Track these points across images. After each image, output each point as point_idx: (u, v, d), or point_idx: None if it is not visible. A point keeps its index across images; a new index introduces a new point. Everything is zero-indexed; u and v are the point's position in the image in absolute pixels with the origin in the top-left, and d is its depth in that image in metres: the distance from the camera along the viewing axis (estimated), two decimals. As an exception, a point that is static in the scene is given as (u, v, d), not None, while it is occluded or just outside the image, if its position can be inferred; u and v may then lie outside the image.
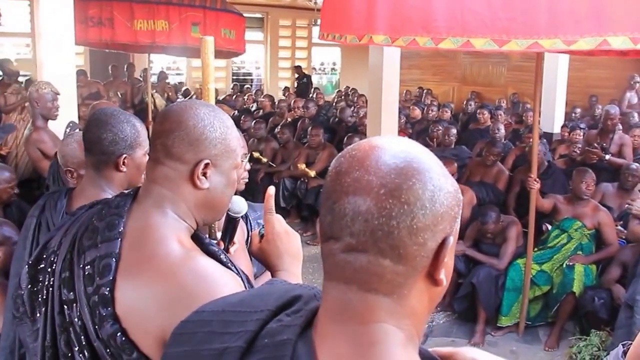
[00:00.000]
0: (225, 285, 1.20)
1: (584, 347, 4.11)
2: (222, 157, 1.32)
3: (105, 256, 1.24)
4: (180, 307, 1.11)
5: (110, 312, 1.20)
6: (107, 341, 1.21)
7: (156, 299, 1.19)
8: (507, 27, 3.14)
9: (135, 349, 1.19)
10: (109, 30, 6.10)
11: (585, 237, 4.75)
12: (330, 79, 16.80)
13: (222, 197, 1.36)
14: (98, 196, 1.76)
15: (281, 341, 0.81)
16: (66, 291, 1.29)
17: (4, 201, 3.66)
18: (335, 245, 0.79)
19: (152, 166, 1.33)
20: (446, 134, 7.01)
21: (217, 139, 1.31)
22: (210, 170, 1.30)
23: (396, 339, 0.79)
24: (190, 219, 1.32)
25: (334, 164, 0.83)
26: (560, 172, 5.95)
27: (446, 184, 0.80)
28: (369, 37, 3.48)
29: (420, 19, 3.29)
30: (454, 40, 3.23)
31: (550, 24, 3.09)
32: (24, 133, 4.73)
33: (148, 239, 1.25)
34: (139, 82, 10.47)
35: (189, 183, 1.30)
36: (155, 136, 1.33)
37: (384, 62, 6.16)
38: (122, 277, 1.23)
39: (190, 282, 1.18)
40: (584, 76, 10.01)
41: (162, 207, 1.29)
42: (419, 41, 3.30)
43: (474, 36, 3.19)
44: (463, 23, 3.20)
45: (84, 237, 1.32)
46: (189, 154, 1.29)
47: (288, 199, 7.13)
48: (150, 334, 1.18)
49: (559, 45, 3.11)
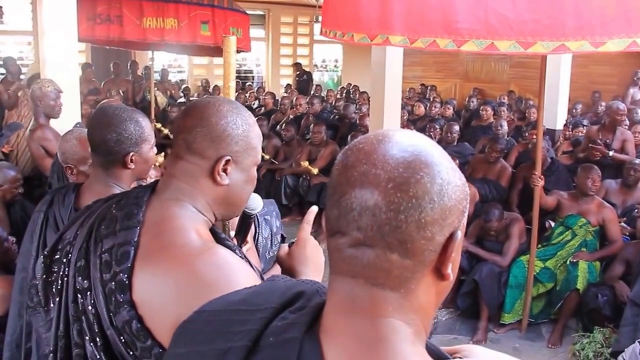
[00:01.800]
0: (244, 276, 1.21)
1: (588, 344, 4.10)
2: (243, 154, 1.34)
3: (123, 244, 1.25)
4: (199, 296, 1.12)
5: (127, 299, 1.21)
6: (121, 328, 1.22)
7: (174, 287, 1.19)
8: (532, 29, 3.07)
9: (149, 336, 1.19)
10: (118, 28, 6.11)
11: (590, 233, 4.74)
12: (332, 76, 16.78)
13: (242, 193, 1.38)
14: (106, 192, 1.78)
15: (287, 339, 0.80)
16: (81, 279, 1.29)
17: (8, 200, 3.67)
18: (342, 240, 0.78)
19: (172, 160, 1.34)
20: (448, 131, 6.99)
21: (239, 136, 1.32)
22: (231, 167, 1.32)
23: (404, 334, 0.78)
24: (208, 213, 1.33)
25: (340, 157, 0.82)
26: (564, 169, 5.93)
27: (454, 178, 0.79)
28: (384, 37, 3.41)
29: (441, 20, 3.22)
30: (477, 43, 3.16)
31: (577, 25, 3.03)
32: (25, 131, 4.73)
33: (167, 229, 1.26)
34: (141, 79, 10.47)
35: (209, 179, 1.31)
36: (177, 131, 1.34)
37: (387, 59, 6.15)
38: (140, 265, 1.23)
39: (209, 271, 1.19)
40: (587, 72, 9.99)
41: (180, 200, 1.30)
42: (440, 43, 3.23)
43: (498, 38, 3.12)
44: (487, 25, 3.13)
45: (101, 226, 1.32)
46: (210, 150, 1.30)
47: (290, 196, 7.12)
48: (166, 322, 1.17)
49: (587, 47, 3.04)
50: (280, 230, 2.32)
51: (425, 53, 12.80)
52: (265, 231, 2.23)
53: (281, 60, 14.95)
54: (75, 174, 2.48)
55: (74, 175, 2.47)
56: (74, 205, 2.03)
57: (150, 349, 1.20)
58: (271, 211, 2.31)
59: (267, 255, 2.23)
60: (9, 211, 3.66)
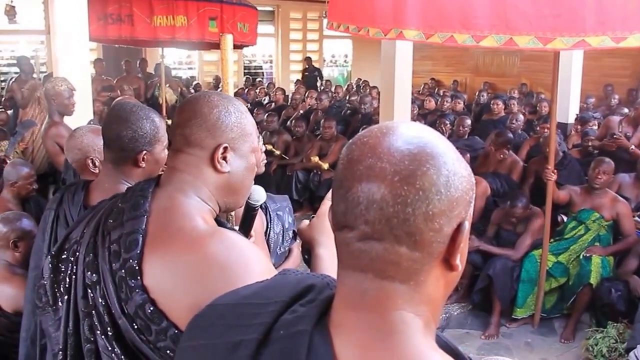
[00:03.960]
0: (255, 255, 1.24)
1: (601, 339, 4.07)
2: (240, 140, 1.37)
3: (131, 232, 1.28)
4: (213, 276, 1.16)
5: (138, 284, 1.23)
6: (134, 314, 1.24)
7: (186, 269, 1.21)
8: (552, 24, 3.02)
9: (164, 318, 1.21)
10: (129, 27, 6.15)
11: (603, 228, 4.71)
12: (341, 71, 16.75)
13: (244, 180, 1.41)
14: (116, 189, 1.78)
15: (297, 332, 0.81)
16: (90, 274, 1.31)
17: (23, 197, 3.71)
18: (350, 234, 0.79)
19: (173, 155, 1.38)
20: (460, 125, 6.97)
21: (232, 123, 1.36)
22: (230, 154, 1.35)
23: (415, 326, 0.79)
24: (213, 202, 1.36)
25: (345, 151, 0.82)
26: (576, 163, 5.90)
27: (460, 168, 0.79)
28: (397, 31, 3.36)
29: (459, 14, 3.18)
30: (496, 38, 3.11)
31: (598, 20, 2.98)
32: (40, 129, 4.78)
33: (173, 216, 1.29)
34: (151, 77, 10.51)
35: (210, 167, 1.35)
36: (174, 128, 1.38)
37: (397, 54, 6.13)
38: (149, 251, 1.26)
39: (222, 251, 1.22)
40: (600, 65, 9.89)
41: (185, 190, 1.33)
42: (458, 38, 3.19)
43: (517, 34, 3.08)
44: (506, 20, 3.08)
45: (108, 220, 1.35)
46: (207, 140, 1.34)
47: (301, 191, 7.13)
48: (182, 304, 1.20)
49: (607, 42, 2.99)
50: (293, 226, 2.33)
51: (436, 47, 12.76)
52: (277, 227, 2.24)
53: (291, 56, 14.94)
54: (98, 165, 2.47)
55: (97, 167, 2.47)
56: (83, 202, 2.04)
57: (165, 331, 1.21)
58: (284, 207, 2.32)
59: (278, 250, 2.24)
60: (24, 208, 3.71)
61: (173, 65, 13.46)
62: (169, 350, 1.22)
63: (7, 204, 3.64)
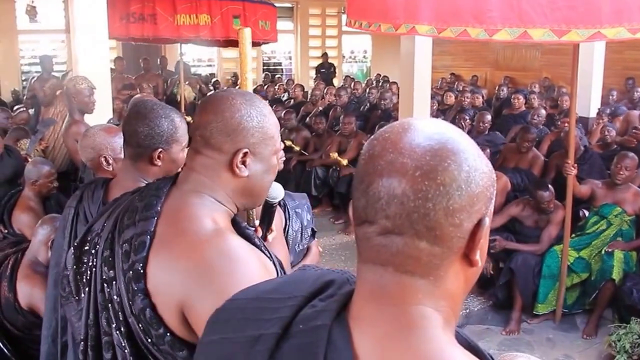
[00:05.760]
0: (248, 264, 1.22)
1: (624, 335, 4.02)
2: (261, 144, 1.34)
3: (141, 234, 1.28)
4: (202, 281, 1.16)
5: (141, 287, 1.24)
6: (138, 316, 1.25)
7: (181, 273, 1.22)
8: (567, 16, 2.99)
9: (162, 325, 1.22)
10: (152, 26, 6.18)
11: (626, 223, 4.65)
12: (361, 67, 16.71)
13: (262, 183, 1.39)
14: (134, 187, 1.79)
15: (316, 326, 0.81)
16: (107, 269, 1.33)
17: (44, 195, 3.76)
18: (371, 229, 0.79)
19: (191, 155, 1.37)
20: (480, 120, 6.90)
21: (254, 127, 1.33)
22: (250, 159, 1.33)
23: (435, 321, 0.79)
24: (229, 204, 1.35)
25: (366, 146, 0.83)
26: (597, 157, 5.82)
27: (481, 165, 0.80)
28: (409, 26, 3.34)
29: (472, 8, 3.15)
30: (510, 32, 3.09)
31: (614, 10, 2.95)
32: (60, 127, 4.83)
33: (181, 217, 1.29)
34: (171, 74, 10.57)
35: (229, 172, 1.33)
36: (194, 127, 1.36)
37: (416, 49, 6.10)
38: (154, 254, 1.26)
39: (214, 258, 1.21)
40: (622, 58, 9.74)
41: (199, 192, 1.32)
42: (471, 32, 3.17)
43: (531, 26, 3.05)
44: (520, 12, 3.05)
45: (125, 217, 1.36)
46: (227, 144, 1.31)
47: (320, 187, 7.13)
48: (172, 308, 1.21)
49: (624, 34, 2.96)
50: (311, 224, 2.33)
51: (455, 42, 12.66)
52: (296, 224, 2.23)
53: (310, 52, 14.93)
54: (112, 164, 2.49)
55: (111, 165, 2.50)
56: (102, 200, 2.05)
57: (162, 337, 1.23)
58: (302, 204, 2.32)
59: (296, 248, 2.24)
60: (45, 205, 3.75)
61: (192, 63, 13.53)
62: (169, 355, 1.24)
63: (29, 202, 3.69)
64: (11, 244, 3.13)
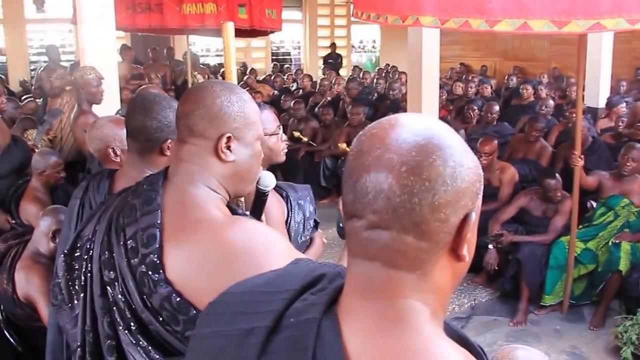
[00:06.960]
0: (278, 240, 1.27)
1: (631, 327, 4.02)
2: (243, 129, 1.38)
3: (147, 227, 1.30)
4: (238, 262, 1.19)
5: (162, 277, 1.26)
6: (159, 307, 1.26)
7: (211, 258, 1.24)
8: (567, 7, 2.99)
9: (192, 307, 1.24)
10: (158, 16, 6.16)
11: (633, 214, 4.64)
12: (369, 57, 16.65)
13: (250, 168, 1.42)
14: (140, 178, 1.80)
15: (306, 320, 0.83)
16: (107, 272, 1.34)
17: (51, 185, 3.78)
18: (359, 223, 0.80)
19: (178, 146, 1.40)
20: (488, 111, 6.86)
21: (235, 112, 1.37)
22: (234, 144, 1.37)
23: (423, 315, 0.80)
24: (222, 190, 1.38)
25: (355, 143, 0.84)
26: (605, 148, 5.78)
27: (467, 160, 0.80)
28: (414, 18, 3.35)
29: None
30: (510, 23, 3.09)
31: (613, 1, 2.94)
32: (69, 117, 4.84)
33: (188, 208, 1.32)
34: (179, 64, 10.57)
35: (215, 157, 1.36)
36: (178, 119, 1.40)
37: (424, 39, 6.06)
38: (169, 244, 1.28)
39: (244, 238, 1.24)
40: (631, 48, 9.64)
41: (193, 182, 1.35)
42: (472, 23, 3.18)
43: (532, 17, 3.05)
44: (520, 3, 3.06)
45: (120, 217, 1.37)
46: (210, 130, 1.35)
47: (329, 178, 7.13)
48: (209, 291, 1.18)
49: (623, 25, 2.96)
50: (314, 215, 2.33)
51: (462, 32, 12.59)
52: (298, 215, 2.24)
53: (319, 42, 14.89)
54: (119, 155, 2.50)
55: (118, 157, 2.50)
56: (108, 191, 2.06)
57: (194, 320, 1.22)
58: (305, 196, 2.32)
59: (299, 239, 2.25)
60: (52, 196, 3.77)
61: (201, 53, 13.51)
62: None
63: (36, 193, 3.71)
64: (15, 236, 3.15)
